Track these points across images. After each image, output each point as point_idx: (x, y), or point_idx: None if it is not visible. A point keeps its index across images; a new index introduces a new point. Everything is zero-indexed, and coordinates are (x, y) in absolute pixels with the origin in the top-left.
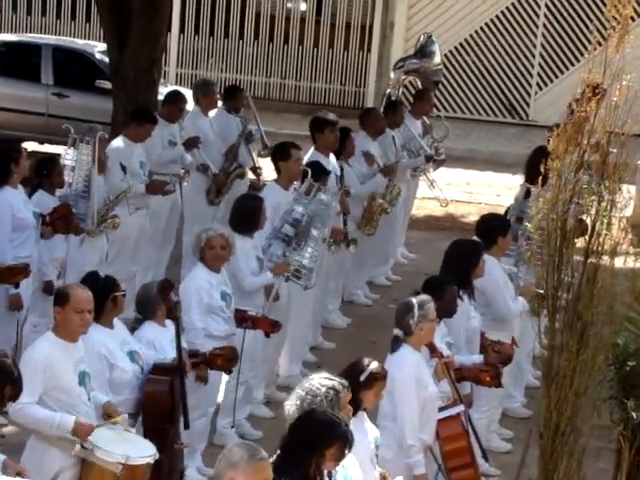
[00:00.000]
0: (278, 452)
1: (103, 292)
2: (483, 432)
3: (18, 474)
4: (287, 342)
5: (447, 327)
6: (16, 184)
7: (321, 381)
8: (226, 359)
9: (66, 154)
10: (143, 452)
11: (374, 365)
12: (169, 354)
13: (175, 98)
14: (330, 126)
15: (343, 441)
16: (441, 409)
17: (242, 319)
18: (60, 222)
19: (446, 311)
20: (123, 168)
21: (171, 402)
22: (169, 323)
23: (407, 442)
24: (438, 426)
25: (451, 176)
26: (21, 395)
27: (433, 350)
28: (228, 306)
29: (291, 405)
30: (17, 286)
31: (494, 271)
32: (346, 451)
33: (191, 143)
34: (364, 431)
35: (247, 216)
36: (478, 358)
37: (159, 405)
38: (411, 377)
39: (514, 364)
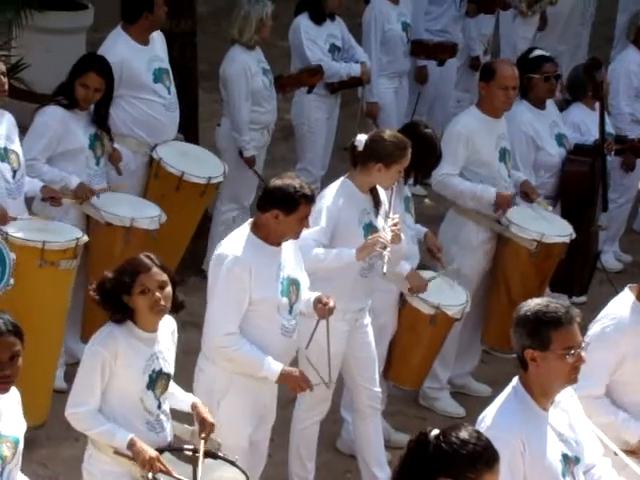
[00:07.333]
0: None
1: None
2: None
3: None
4: None
5: None
6: None
7: None
8: None
9: None
10: (560, 231)
11: None
12: (593, 138)
13: None
14: None
15: None
16: None
17: None
18: (484, 1)
19: None
20: None
21: (590, 183)
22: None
23: None
24: None
25: None
26: (442, 165)
27: None
28: None
29: None
30: (441, 63)
31: None
32: None
33: None
34: None
35: None
36: None
37: (578, 186)
38: None
39: None
